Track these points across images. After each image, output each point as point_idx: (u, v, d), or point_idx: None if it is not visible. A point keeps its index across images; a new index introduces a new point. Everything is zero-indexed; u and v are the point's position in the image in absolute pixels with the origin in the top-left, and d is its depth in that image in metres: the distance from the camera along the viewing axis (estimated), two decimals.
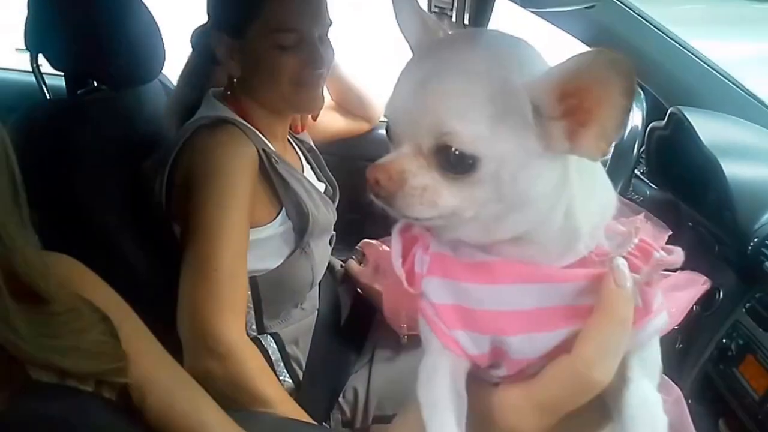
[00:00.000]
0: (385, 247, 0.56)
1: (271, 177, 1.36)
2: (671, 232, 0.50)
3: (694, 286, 0.52)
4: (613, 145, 0.45)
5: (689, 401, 0.82)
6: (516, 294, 0.46)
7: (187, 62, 1.51)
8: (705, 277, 0.52)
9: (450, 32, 0.50)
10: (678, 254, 0.49)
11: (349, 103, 1.88)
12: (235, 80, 1.38)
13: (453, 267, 0.48)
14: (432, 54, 0.46)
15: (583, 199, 0.47)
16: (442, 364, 0.48)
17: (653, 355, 0.51)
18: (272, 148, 1.40)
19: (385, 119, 0.49)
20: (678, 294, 0.53)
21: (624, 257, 0.46)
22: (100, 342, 0.68)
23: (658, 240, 0.50)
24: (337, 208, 1.59)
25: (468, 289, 0.47)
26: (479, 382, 0.49)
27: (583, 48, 0.44)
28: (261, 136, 1.39)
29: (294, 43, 1.32)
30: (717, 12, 6.37)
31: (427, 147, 0.44)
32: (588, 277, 0.46)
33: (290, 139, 1.58)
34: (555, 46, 0.46)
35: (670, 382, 0.50)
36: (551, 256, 0.47)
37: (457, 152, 0.43)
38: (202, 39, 1.42)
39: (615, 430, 0.47)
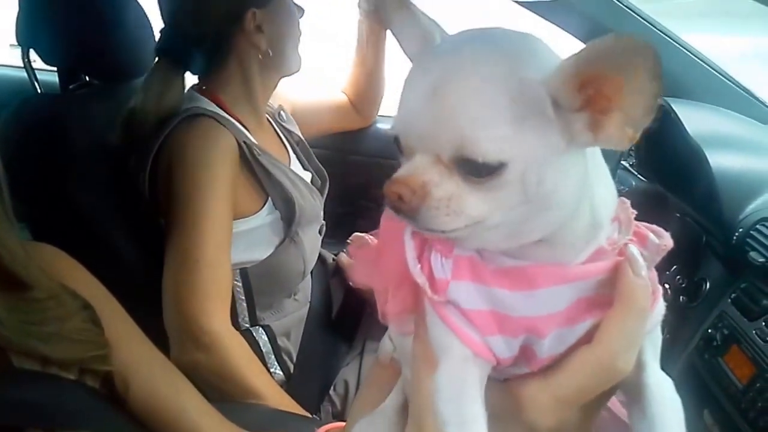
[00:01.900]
0: (373, 239, 0.53)
1: (254, 168, 1.37)
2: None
3: None
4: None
5: None
6: (551, 297, 0.45)
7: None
8: None
9: (448, 34, 0.47)
10: (666, 236, 0.48)
11: (363, 92, 1.86)
12: (260, 56, 1.41)
13: (483, 272, 0.46)
14: (438, 60, 0.43)
15: (600, 189, 0.46)
16: (469, 373, 0.46)
17: (658, 338, 0.51)
18: (253, 139, 1.40)
19: (392, 131, 0.45)
20: None
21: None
22: (82, 329, 0.69)
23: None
24: (328, 202, 1.59)
25: (501, 294, 0.45)
26: (489, 381, 0.47)
27: (571, 39, 0.43)
28: (241, 127, 1.40)
29: None
30: (713, 6, 6.36)
31: (448, 157, 0.42)
32: (609, 268, 0.45)
33: (276, 129, 1.59)
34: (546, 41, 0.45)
35: None
36: (576, 251, 0.46)
37: (482, 161, 0.41)
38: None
39: (633, 411, 0.48)
